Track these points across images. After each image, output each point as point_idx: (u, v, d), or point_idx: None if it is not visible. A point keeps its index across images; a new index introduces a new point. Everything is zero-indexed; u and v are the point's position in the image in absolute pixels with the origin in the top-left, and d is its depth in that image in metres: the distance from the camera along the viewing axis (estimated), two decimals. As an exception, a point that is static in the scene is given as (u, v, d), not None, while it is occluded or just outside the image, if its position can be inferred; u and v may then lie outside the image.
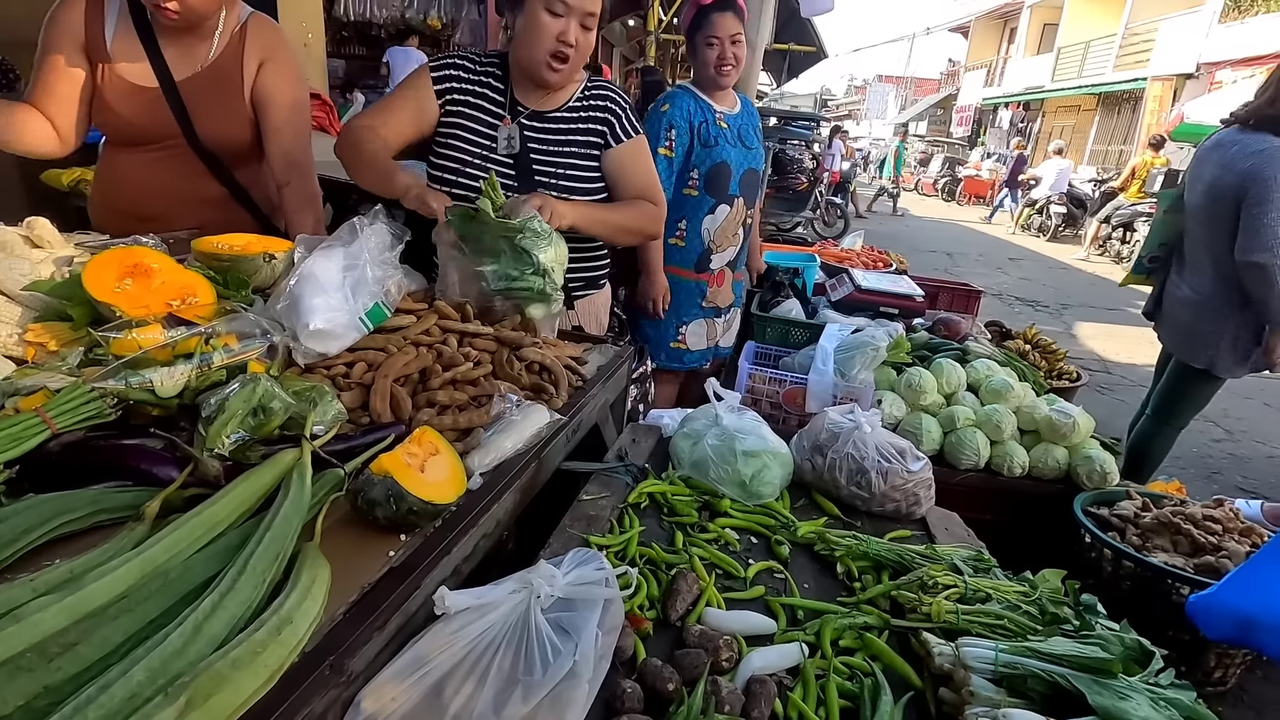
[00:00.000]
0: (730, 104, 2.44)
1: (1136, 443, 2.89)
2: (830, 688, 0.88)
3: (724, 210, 2.40)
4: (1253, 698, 2.03)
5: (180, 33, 1.63)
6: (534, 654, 0.72)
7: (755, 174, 2.47)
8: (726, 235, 2.44)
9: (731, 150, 2.37)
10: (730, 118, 2.40)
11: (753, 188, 2.48)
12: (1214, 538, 1.94)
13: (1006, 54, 26.59)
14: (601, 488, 1.31)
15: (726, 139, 2.36)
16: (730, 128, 2.39)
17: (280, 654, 0.61)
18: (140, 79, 1.63)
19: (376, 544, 0.83)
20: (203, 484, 0.84)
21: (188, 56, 1.66)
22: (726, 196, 2.38)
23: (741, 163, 2.40)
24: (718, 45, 2.26)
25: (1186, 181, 2.72)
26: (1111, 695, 0.79)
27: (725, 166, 2.34)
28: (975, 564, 1.17)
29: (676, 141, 2.30)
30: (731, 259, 2.52)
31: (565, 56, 1.52)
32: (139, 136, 1.69)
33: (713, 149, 2.32)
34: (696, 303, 2.51)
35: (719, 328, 2.62)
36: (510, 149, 1.62)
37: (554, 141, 1.64)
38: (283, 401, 0.92)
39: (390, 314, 1.21)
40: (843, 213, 10.96)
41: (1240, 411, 4.71)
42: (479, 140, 1.62)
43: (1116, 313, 7.62)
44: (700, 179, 2.36)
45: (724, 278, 2.53)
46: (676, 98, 2.34)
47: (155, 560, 0.68)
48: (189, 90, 1.66)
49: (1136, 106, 16.81)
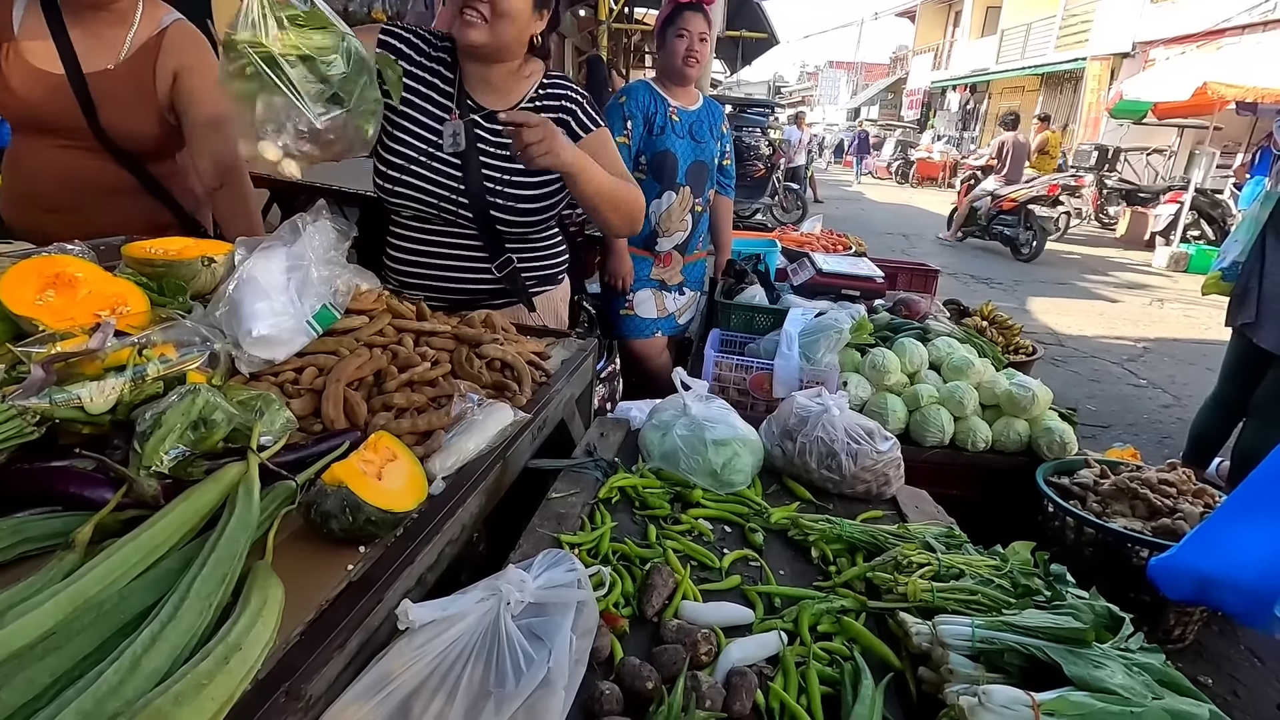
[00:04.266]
0: (689, 100, 2.57)
1: (1245, 453, 2.76)
2: (811, 675, 0.87)
3: (670, 196, 2.54)
4: (1210, 653, 2.12)
5: (89, 19, 1.56)
6: (505, 664, 0.69)
7: (704, 166, 2.60)
8: (673, 220, 2.58)
9: (678, 141, 2.50)
10: (685, 112, 2.54)
11: (701, 179, 2.61)
12: (1169, 500, 2.01)
13: (952, 37, 27.11)
14: (571, 485, 1.28)
15: (675, 131, 2.50)
16: (682, 121, 2.52)
17: (229, 684, 0.56)
18: (45, 63, 1.56)
19: (334, 558, 0.79)
20: (140, 505, 0.78)
21: (98, 46, 1.59)
22: (673, 184, 2.52)
23: (689, 154, 2.54)
24: (686, 38, 2.42)
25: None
26: (1086, 664, 0.80)
27: (670, 155, 2.48)
28: (947, 541, 1.18)
29: (633, 131, 2.45)
30: (680, 243, 2.66)
31: (471, 19, 1.40)
32: (42, 123, 1.62)
33: (658, 138, 2.46)
34: (644, 275, 2.65)
35: (669, 301, 2.73)
36: (455, 146, 1.52)
37: (506, 144, 1.53)
38: (226, 412, 0.86)
39: (339, 316, 1.15)
40: (800, 198, 11.06)
41: (1185, 377, 4.90)
42: (425, 135, 1.53)
43: (1066, 287, 7.87)
44: (648, 165, 2.50)
45: (671, 259, 2.67)
46: (634, 90, 2.50)
47: (87, 591, 0.63)
48: (97, 84, 1.59)
49: (1077, 86, 17.31)
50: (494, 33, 1.43)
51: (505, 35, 1.44)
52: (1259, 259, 2.68)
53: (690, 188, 2.56)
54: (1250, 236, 2.72)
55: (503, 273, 1.61)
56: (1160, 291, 7.91)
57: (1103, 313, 6.79)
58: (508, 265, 1.61)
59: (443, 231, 1.59)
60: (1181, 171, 12.20)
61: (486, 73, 1.54)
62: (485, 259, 1.60)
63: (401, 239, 1.63)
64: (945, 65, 26.94)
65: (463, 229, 1.58)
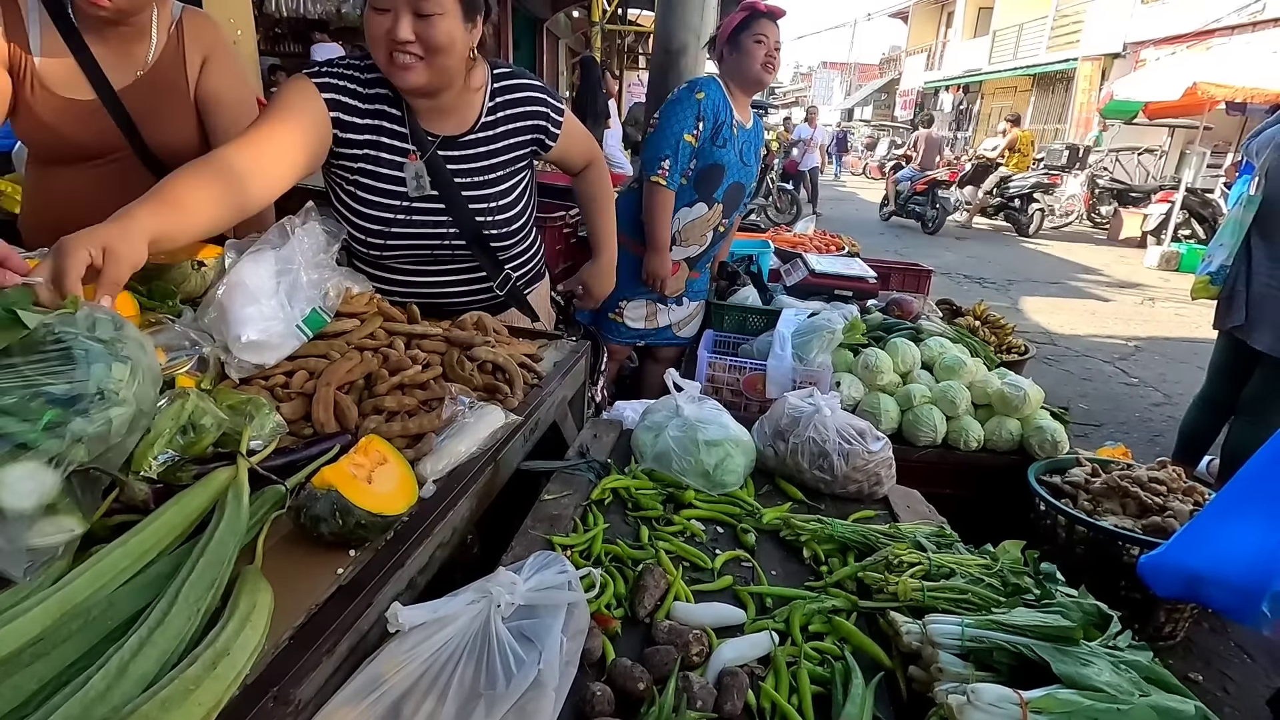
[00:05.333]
0: (746, 117, 2.45)
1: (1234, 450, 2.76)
2: (802, 674, 0.87)
3: (701, 208, 2.44)
4: (1200, 649, 2.13)
5: (111, 35, 1.47)
6: (496, 666, 0.69)
7: (741, 189, 2.51)
8: (695, 232, 2.48)
9: (731, 156, 2.39)
10: (744, 130, 2.43)
11: (735, 200, 2.52)
12: (1160, 498, 2.02)
13: (945, 38, 27.23)
14: (563, 486, 1.28)
15: (732, 145, 2.38)
16: (738, 136, 2.41)
17: (217, 689, 0.56)
18: (73, 91, 1.46)
19: (324, 562, 0.79)
20: (130, 510, 0.78)
21: (124, 60, 1.51)
22: (709, 198, 2.42)
23: (734, 174, 2.43)
24: (765, 44, 2.30)
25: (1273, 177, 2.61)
26: (1074, 662, 0.80)
27: (719, 169, 2.37)
28: (938, 540, 1.19)
29: (703, 133, 2.33)
30: (693, 256, 2.56)
31: (405, 62, 1.26)
32: (77, 153, 1.52)
33: (718, 149, 2.34)
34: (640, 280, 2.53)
35: (662, 315, 2.64)
36: (421, 190, 1.41)
37: (481, 167, 1.47)
38: (215, 417, 0.86)
39: (329, 319, 1.15)
40: (794, 199, 11.07)
41: (1176, 375, 4.93)
42: (393, 188, 1.41)
43: (1058, 286, 7.90)
44: (694, 172, 2.37)
45: (679, 269, 2.56)
46: (710, 87, 2.34)
47: (75, 597, 0.63)
48: (131, 98, 1.51)
49: (1069, 86, 17.40)
50: (433, 70, 1.29)
51: (447, 68, 1.31)
52: (1245, 262, 2.70)
53: (723, 206, 2.48)
54: (1235, 240, 2.73)
55: (505, 289, 1.60)
56: (1151, 291, 7.95)
57: (1095, 312, 6.83)
58: (508, 282, 1.59)
59: (434, 262, 1.53)
60: (1173, 171, 12.28)
61: (435, 103, 1.40)
62: (485, 281, 1.58)
63: (394, 281, 1.54)
64: (938, 66, 27.05)
65: (455, 255, 1.52)
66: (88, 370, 0.65)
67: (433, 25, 1.24)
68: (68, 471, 0.63)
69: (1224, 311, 2.81)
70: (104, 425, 0.66)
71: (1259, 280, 2.66)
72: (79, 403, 0.64)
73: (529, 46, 11.28)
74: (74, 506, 0.65)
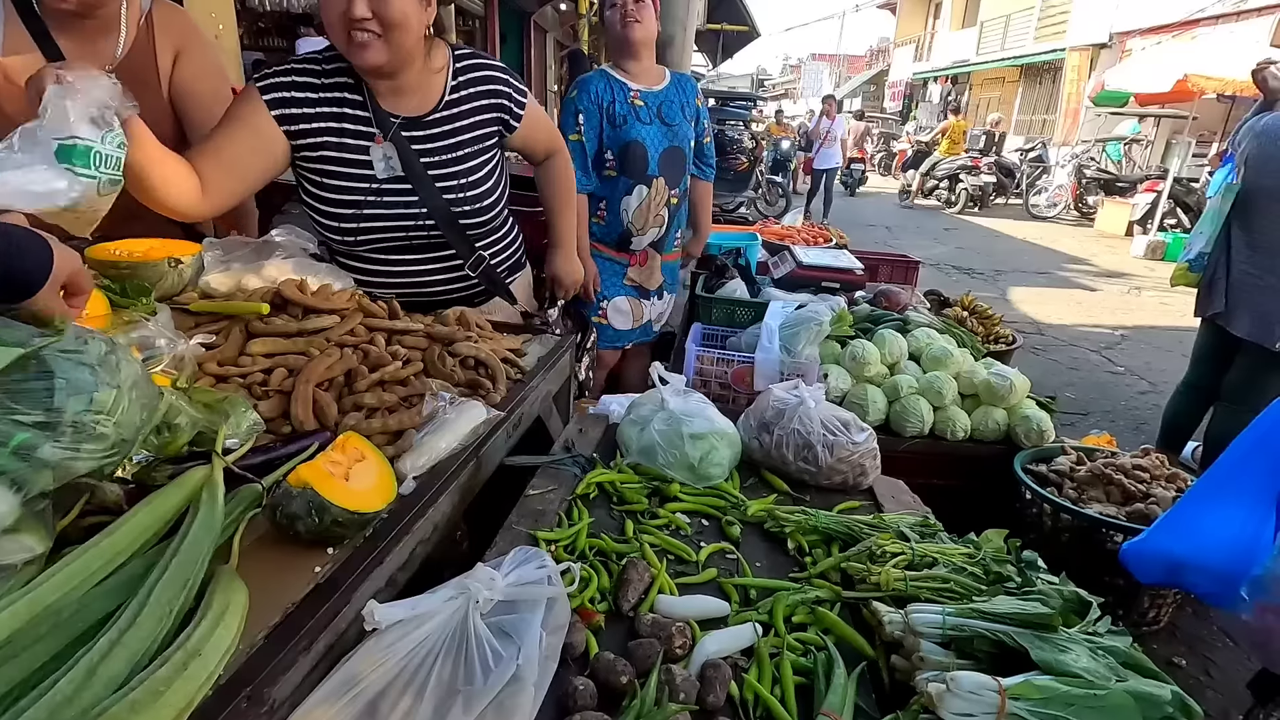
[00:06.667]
0: (652, 80, 2.36)
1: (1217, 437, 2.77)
2: (784, 665, 0.87)
3: (642, 191, 2.35)
4: (1184, 634, 2.15)
5: (77, 28, 1.44)
6: (474, 662, 0.69)
7: (678, 152, 2.40)
8: (646, 216, 2.40)
9: (646, 128, 2.31)
10: (650, 94, 2.34)
11: (676, 168, 2.41)
12: (1143, 485, 2.04)
13: (933, 29, 27.22)
14: (548, 481, 1.28)
15: (639, 117, 2.30)
16: (648, 105, 2.32)
17: (188, 690, 0.56)
18: None
19: (302, 561, 0.78)
20: (103, 512, 0.77)
21: (91, 55, 1.47)
22: (644, 177, 2.33)
23: (660, 141, 2.34)
24: (617, 4, 2.24)
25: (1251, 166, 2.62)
26: (1053, 649, 0.81)
27: (638, 146, 2.29)
28: (922, 530, 1.19)
29: (585, 126, 2.27)
30: (656, 239, 2.48)
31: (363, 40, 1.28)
32: None
33: (621, 128, 2.28)
34: (618, 279, 2.50)
35: (646, 309, 2.59)
36: (391, 171, 1.43)
37: (446, 146, 1.47)
38: (190, 416, 0.85)
39: (118, 152, 1.00)
40: (784, 191, 11.07)
41: (1162, 364, 4.97)
42: (360, 172, 1.42)
43: (1047, 276, 7.95)
44: (616, 160, 2.32)
45: (647, 258, 2.51)
46: (586, 82, 2.31)
47: (44, 599, 0.62)
48: None
49: (1057, 76, 17.44)
50: (392, 47, 1.31)
51: (405, 45, 1.33)
52: (1224, 249, 2.73)
53: (664, 179, 2.36)
54: (1214, 228, 2.75)
55: (478, 271, 1.60)
56: (1138, 280, 8.00)
57: (1081, 301, 6.87)
58: (480, 263, 1.60)
59: (408, 250, 1.53)
60: (1159, 161, 12.36)
61: (396, 83, 1.42)
62: (458, 264, 1.58)
63: (366, 270, 1.55)
64: (926, 57, 27.05)
65: (430, 242, 1.53)
66: (65, 400, 0.64)
67: (388, 2, 1.27)
68: (28, 496, 0.61)
69: (1204, 299, 2.84)
70: (72, 455, 0.64)
71: (1238, 268, 2.68)
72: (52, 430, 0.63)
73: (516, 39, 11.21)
74: (37, 525, 0.64)
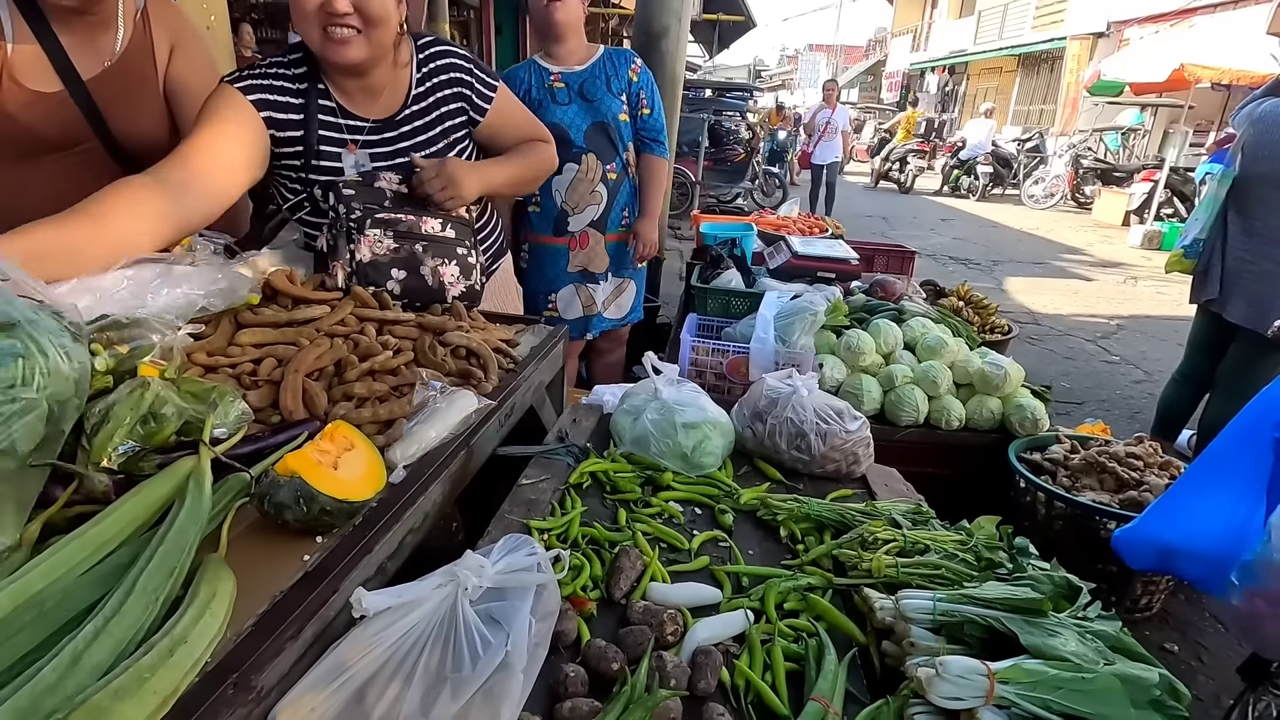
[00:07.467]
0: (576, 61, 2.38)
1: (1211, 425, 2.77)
2: (775, 651, 0.88)
3: (571, 169, 2.37)
4: (1176, 619, 2.17)
5: (77, 24, 1.42)
6: (463, 649, 0.68)
7: (606, 126, 2.40)
8: (580, 194, 2.41)
9: (563, 110, 2.34)
10: (571, 75, 2.36)
11: (605, 140, 2.40)
12: (1136, 473, 2.05)
13: (930, 19, 27.11)
14: (541, 470, 1.27)
15: (556, 99, 2.33)
16: (568, 85, 2.35)
17: (173, 678, 0.56)
18: (40, 83, 1.41)
19: (290, 549, 0.78)
20: (90, 502, 0.77)
21: (91, 51, 1.46)
22: (571, 154, 2.35)
23: (583, 119, 2.36)
24: None
25: (1247, 152, 2.61)
26: (1042, 633, 0.81)
27: (556, 128, 2.27)
28: (914, 517, 1.19)
29: None
30: (595, 218, 2.47)
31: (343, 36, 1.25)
32: (39, 147, 1.46)
33: (539, 111, 2.26)
34: (562, 268, 2.50)
35: (596, 294, 2.57)
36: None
37: (417, 145, 1.46)
38: (177, 406, 0.85)
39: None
40: (780, 182, 11.04)
41: (1157, 353, 4.98)
42: (334, 179, 1.40)
43: (1042, 266, 7.95)
44: None
45: (588, 240, 2.49)
46: (513, 72, 2.35)
47: (30, 588, 0.62)
48: (100, 89, 1.46)
49: (1055, 66, 17.39)
50: (371, 44, 1.28)
51: (384, 42, 1.30)
52: (1220, 235, 2.72)
53: (594, 153, 2.37)
54: (1210, 214, 2.75)
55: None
56: (1134, 270, 8.01)
57: (1077, 291, 6.88)
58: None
59: None
60: (1156, 150, 12.35)
61: (367, 82, 1.39)
62: None
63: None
64: (924, 47, 26.95)
65: None
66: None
67: None
68: None
69: (1199, 285, 2.84)
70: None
71: (1233, 254, 2.68)
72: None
73: (511, 31, 11.15)
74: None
